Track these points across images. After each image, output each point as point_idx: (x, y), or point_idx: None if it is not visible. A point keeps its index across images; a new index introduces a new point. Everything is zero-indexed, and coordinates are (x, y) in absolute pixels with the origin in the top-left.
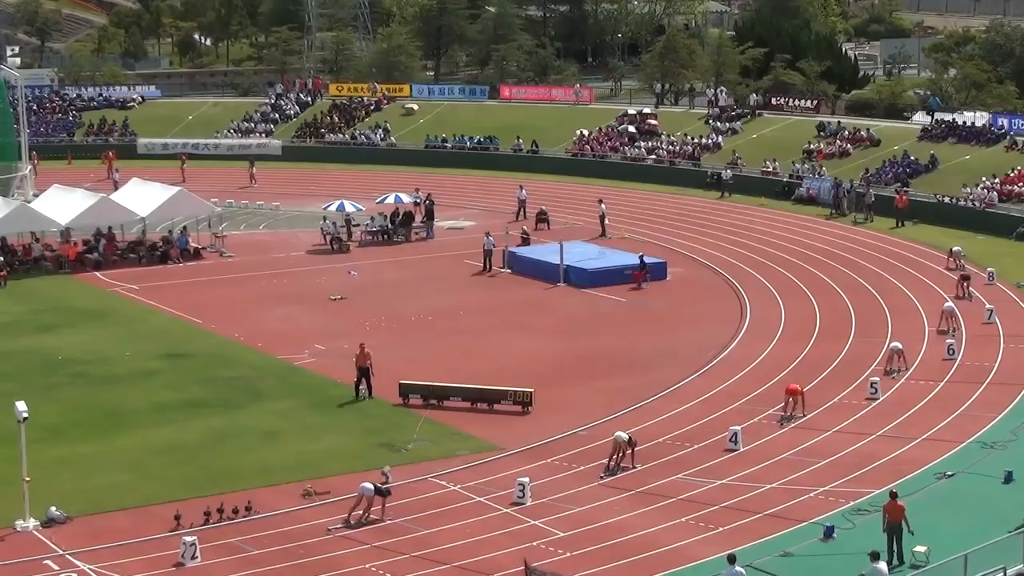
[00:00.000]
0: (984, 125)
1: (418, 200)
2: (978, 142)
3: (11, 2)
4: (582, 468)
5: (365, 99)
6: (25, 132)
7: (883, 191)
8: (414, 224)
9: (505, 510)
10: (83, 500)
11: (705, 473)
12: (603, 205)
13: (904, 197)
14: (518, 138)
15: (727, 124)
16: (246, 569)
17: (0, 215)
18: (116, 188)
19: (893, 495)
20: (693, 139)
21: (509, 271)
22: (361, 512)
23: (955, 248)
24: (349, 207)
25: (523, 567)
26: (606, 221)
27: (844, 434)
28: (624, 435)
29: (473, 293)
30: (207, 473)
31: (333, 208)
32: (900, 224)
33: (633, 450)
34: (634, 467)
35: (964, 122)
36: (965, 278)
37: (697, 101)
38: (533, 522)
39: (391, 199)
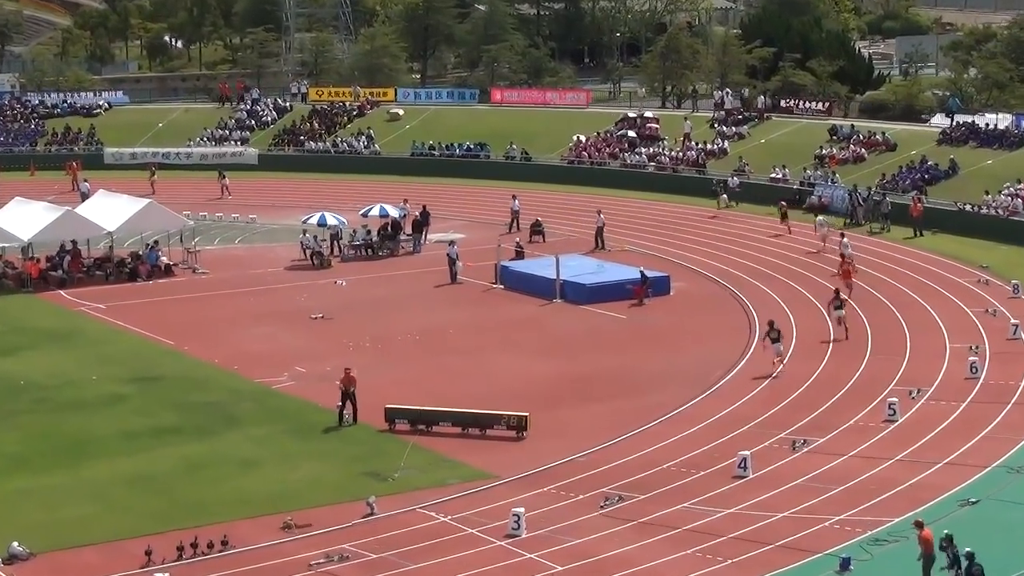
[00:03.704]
0: (1007, 128)
1: (405, 212)
2: (1001, 146)
3: None
4: (581, 497)
5: (347, 104)
6: None
7: (900, 199)
8: (401, 237)
9: (499, 543)
10: (48, 534)
11: (713, 501)
12: (601, 216)
13: (919, 205)
14: (510, 144)
15: (733, 128)
16: None
17: None
18: (84, 200)
19: (919, 524)
20: (697, 144)
21: (502, 287)
22: None
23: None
24: (331, 219)
25: None
26: (604, 233)
27: (861, 459)
28: None
29: (463, 310)
30: (180, 505)
31: (313, 221)
32: (918, 234)
33: None
34: None
35: (986, 124)
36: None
37: (701, 104)
38: (529, 555)
39: (376, 211)
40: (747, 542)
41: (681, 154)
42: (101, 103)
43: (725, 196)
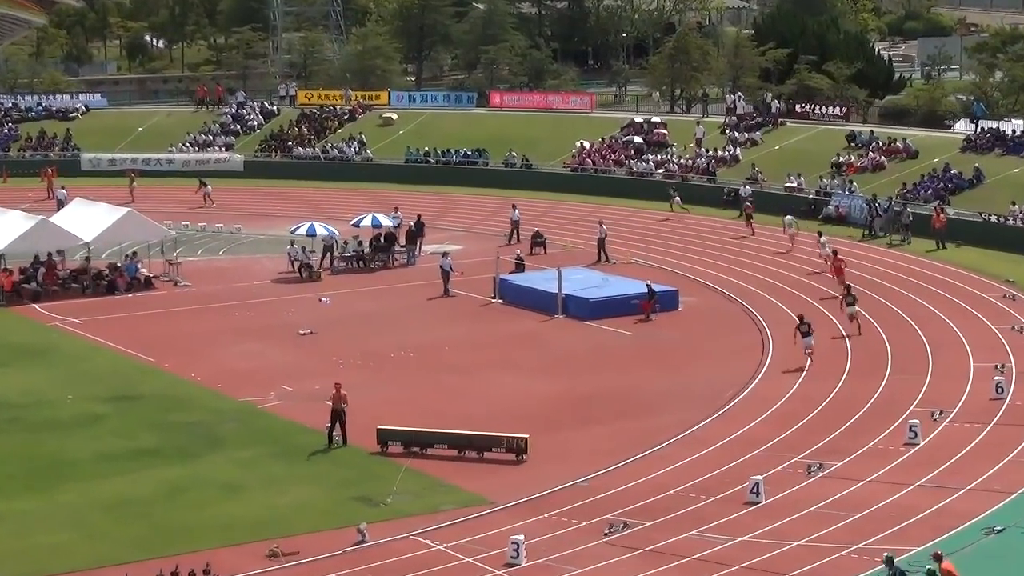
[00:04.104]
0: None
1: (399, 221)
2: None
3: None
4: (584, 524)
5: (337, 108)
6: None
7: (922, 209)
8: (395, 248)
9: (497, 572)
10: (20, 562)
11: (723, 529)
12: (603, 227)
13: (941, 216)
14: (510, 151)
15: (746, 134)
16: None
17: None
18: (60, 208)
19: (937, 557)
20: (708, 151)
21: (501, 301)
22: None
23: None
24: (320, 230)
25: None
26: (606, 245)
27: (880, 484)
28: None
29: (460, 326)
30: (160, 531)
31: (302, 231)
32: (941, 246)
33: None
34: None
35: (1012, 131)
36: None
37: (712, 108)
38: None
39: (368, 220)
40: (759, 572)
41: (691, 161)
42: (78, 106)
43: (678, 198)
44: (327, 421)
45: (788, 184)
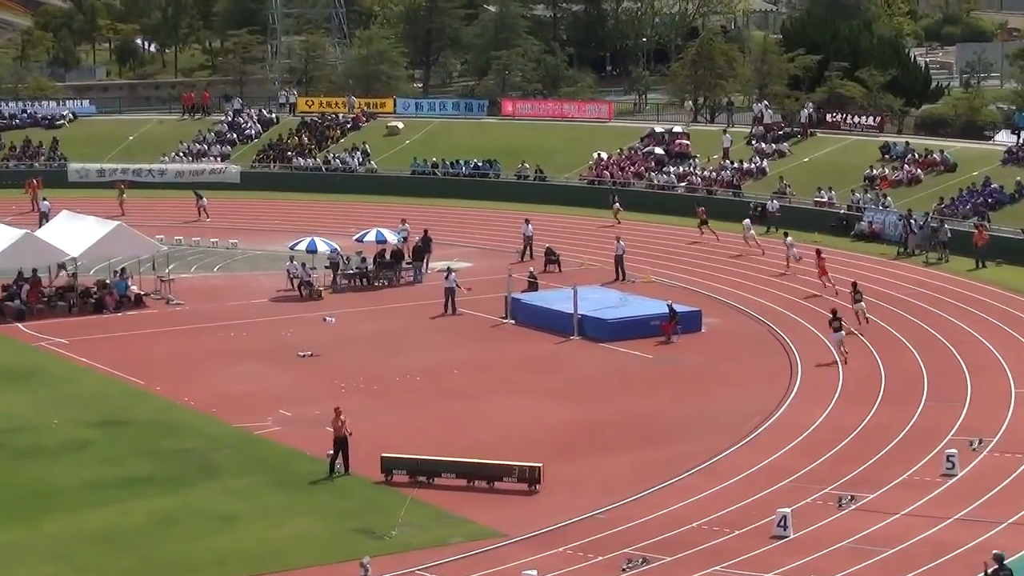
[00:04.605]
0: None
1: (406, 235)
2: None
3: None
4: (600, 559)
5: (340, 116)
6: None
7: (960, 225)
8: (401, 265)
9: None
10: None
11: (749, 564)
12: (621, 243)
13: (983, 233)
14: (523, 162)
15: (773, 145)
16: None
17: None
18: (44, 220)
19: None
20: (733, 164)
21: (513, 322)
22: None
23: (746, 221)
24: (321, 245)
25: None
26: (624, 263)
27: (915, 517)
28: None
29: (470, 348)
30: (150, 565)
31: (302, 247)
32: (980, 265)
33: None
34: None
35: None
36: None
37: (737, 118)
38: None
39: (372, 236)
40: None
41: (716, 174)
42: (65, 113)
43: (618, 205)
44: (328, 448)
45: (818, 199)
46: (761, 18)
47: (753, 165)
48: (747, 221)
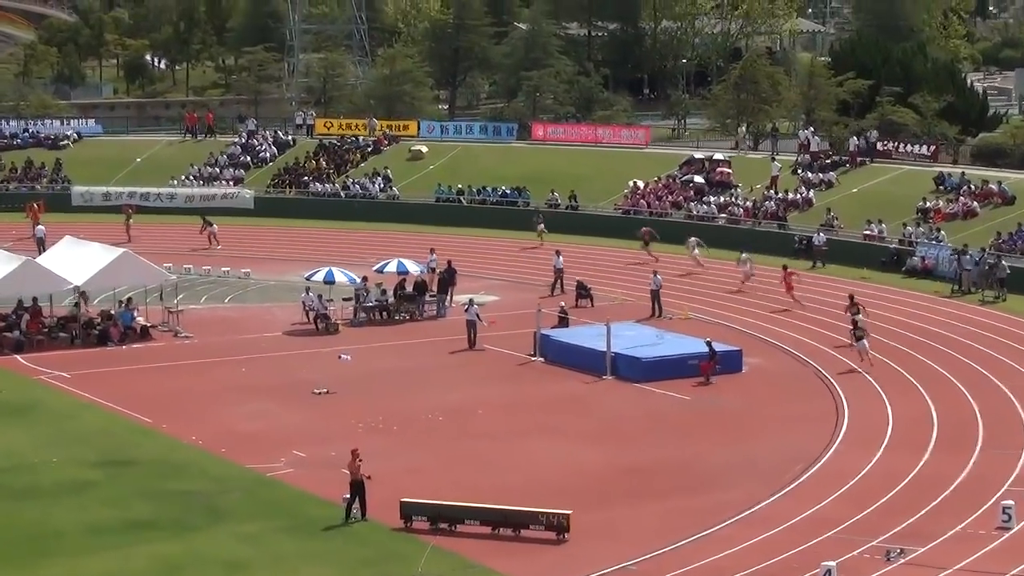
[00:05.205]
0: None
1: (435, 265)
2: None
3: None
4: None
5: (360, 139)
6: None
7: (1018, 262)
8: (424, 298)
9: None
10: None
11: None
12: (658, 277)
13: None
14: (553, 191)
15: (820, 175)
16: None
17: None
18: (40, 247)
19: None
20: (777, 194)
21: (542, 359)
22: None
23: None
24: (339, 276)
25: None
26: (661, 298)
27: (968, 573)
28: None
29: (496, 387)
30: None
31: (318, 278)
32: None
33: None
34: None
35: None
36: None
37: (782, 145)
38: None
39: (393, 266)
40: None
41: (759, 204)
42: (69, 133)
43: (543, 226)
44: (344, 492)
45: (867, 232)
46: (808, 39)
47: (799, 196)
48: (693, 239)
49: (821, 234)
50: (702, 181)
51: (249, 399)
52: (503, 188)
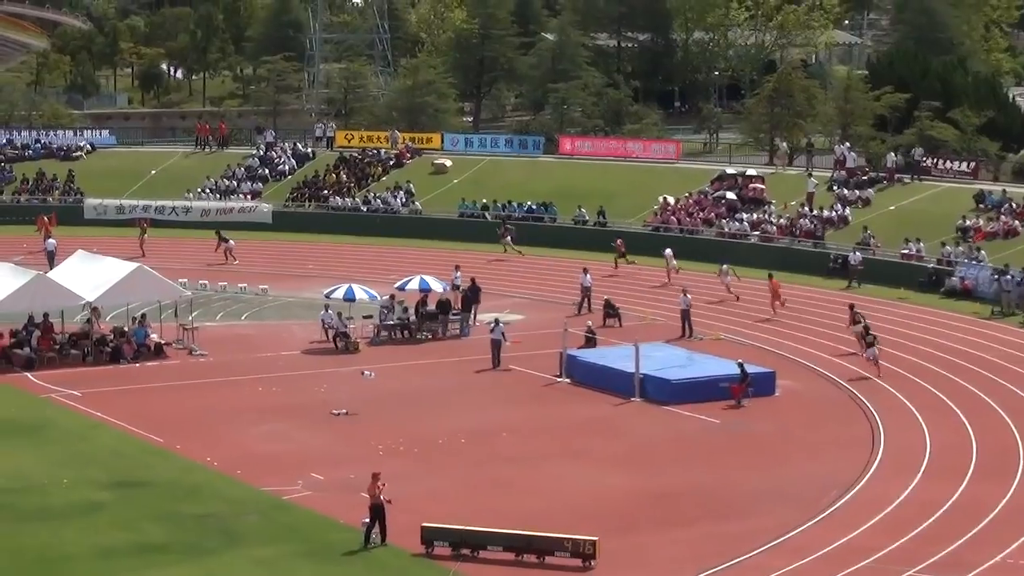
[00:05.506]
0: None
1: (458, 284)
2: None
3: None
4: None
5: (382, 152)
6: None
7: None
8: (448, 316)
9: None
10: None
11: None
12: (688, 297)
13: None
14: (580, 206)
15: (856, 192)
16: None
17: None
18: (50, 260)
19: None
20: (812, 212)
21: (568, 380)
22: None
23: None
24: (360, 293)
25: None
26: (691, 317)
27: None
28: None
29: (520, 408)
30: None
31: (338, 295)
32: None
33: None
34: None
35: None
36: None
37: (817, 161)
38: None
39: (415, 283)
40: None
41: (794, 222)
42: (82, 144)
43: (509, 239)
44: (364, 516)
45: (904, 251)
46: (845, 52)
47: (834, 213)
48: (669, 251)
49: (857, 253)
50: (734, 197)
51: (266, 420)
52: (529, 203)
